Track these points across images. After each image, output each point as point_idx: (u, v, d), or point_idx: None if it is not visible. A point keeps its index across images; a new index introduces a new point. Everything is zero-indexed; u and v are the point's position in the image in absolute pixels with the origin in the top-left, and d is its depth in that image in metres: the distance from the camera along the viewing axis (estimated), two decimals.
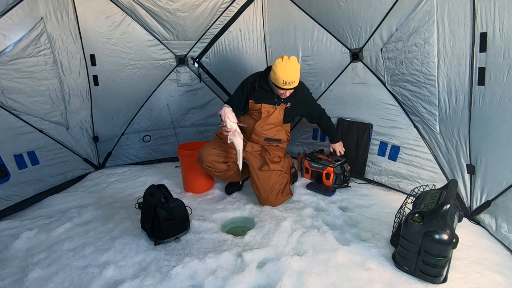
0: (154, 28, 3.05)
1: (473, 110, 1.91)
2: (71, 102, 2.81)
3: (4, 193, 2.30)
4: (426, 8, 1.96)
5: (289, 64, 2.07)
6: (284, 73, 2.07)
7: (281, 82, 2.11)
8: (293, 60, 2.10)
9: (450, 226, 1.44)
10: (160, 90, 3.39)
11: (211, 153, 2.37)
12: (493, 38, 1.68)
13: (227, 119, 2.09)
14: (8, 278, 1.62)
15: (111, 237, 1.97)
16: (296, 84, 2.16)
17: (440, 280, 1.50)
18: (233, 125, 2.10)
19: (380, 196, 2.49)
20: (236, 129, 2.11)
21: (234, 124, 2.11)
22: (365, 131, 2.71)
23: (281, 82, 2.10)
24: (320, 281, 1.54)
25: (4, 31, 2.18)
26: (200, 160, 2.39)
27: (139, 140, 3.44)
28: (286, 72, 2.07)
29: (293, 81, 2.12)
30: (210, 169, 2.40)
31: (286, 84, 2.11)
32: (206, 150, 2.38)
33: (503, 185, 1.80)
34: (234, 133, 2.10)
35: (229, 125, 2.09)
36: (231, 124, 2.09)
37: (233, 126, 2.10)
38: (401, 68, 2.26)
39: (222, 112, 2.14)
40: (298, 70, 2.14)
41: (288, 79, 2.09)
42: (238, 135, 2.12)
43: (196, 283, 1.56)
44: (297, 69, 2.13)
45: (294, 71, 2.10)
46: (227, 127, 2.09)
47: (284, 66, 2.07)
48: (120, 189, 2.78)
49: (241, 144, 2.15)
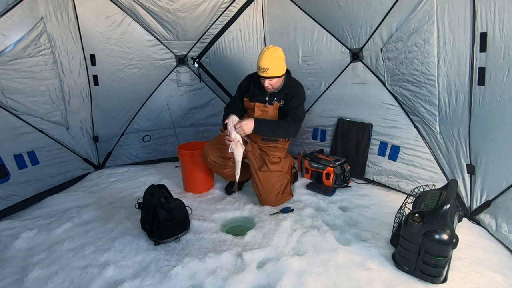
0: (154, 28, 3.05)
1: (473, 110, 1.91)
2: (71, 102, 2.81)
3: (4, 193, 2.30)
4: (426, 8, 1.96)
5: (267, 52, 2.07)
6: (261, 59, 2.07)
7: (258, 69, 2.12)
8: (274, 49, 2.09)
9: (450, 226, 1.44)
10: (160, 90, 3.39)
11: (216, 147, 2.37)
12: (493, 38, 1.68)
13: (233, 130, 2.08)
14: (8, 278, 1.62)
15: (111, 237, 1.97)
16: (272, 73, 2.09)
17: (440, 280, 1.50)
18: (237, 135, 2.08)
19: (380, 196, 2.49)
20: (239, 140, 2.09)
21: (238, 135, 2.08)
22: (365, 131, 2.71)
23: (258, 68, 2.11)
24: (320, 281, 1.54)
25: (4, 31, 2.18)
26: (205, 155, 2.40)
27: (139, 140, 3.44)
28: (262, 58, 2.07)
29: (267, 69, 2.06)
30: (214, 165, 2.40)
31: (261, 71, 2.08)
32: (212, 145, 2.39)
33: (503, 185, 1.80)
34: (237, 144, 2.08)
35: (233, 135, 2.07)
36: (235, 134, 2.07)
37: (237, 137, 2.08)
38: (401, 68, 2.26)
39: (229, 120, 2.11)
40: (276, 59, 2.08)
41: (262, 66, 2.06)
42: (240, 146, 2.10)
43: (196, 283, 1.56)
44: (275, 57, 2.07)
45: (270, 58, 2.06)
46: (231, 136, 2.07)
47: (262, 53, 2.08)
48: (120, 189, 2.78)
49: (241, 156, 2.14)
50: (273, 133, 2.20)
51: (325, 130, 3.09)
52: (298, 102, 2.29)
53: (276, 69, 2.09)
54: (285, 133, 2.24)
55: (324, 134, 3.10)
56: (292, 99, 2.26)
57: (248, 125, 2.08)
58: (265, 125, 2.15)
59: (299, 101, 2.29)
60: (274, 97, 2.29)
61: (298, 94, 2.29)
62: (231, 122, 2.10)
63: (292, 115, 2.25)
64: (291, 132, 2.26)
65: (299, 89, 2.32)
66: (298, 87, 2.31)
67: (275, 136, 2.26)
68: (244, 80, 2.42)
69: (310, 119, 3.17)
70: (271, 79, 2.12)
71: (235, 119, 2.12)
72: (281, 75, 2.14)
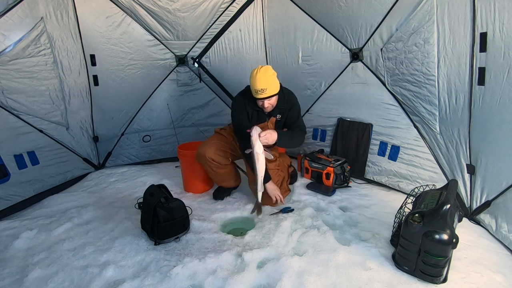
0: (154, 28, 3.05)
1: (473, 110, 1.90)
2: (71, 102, 2.81)
3: (4, 193, 2.30)
4: (426, 8, 1.96)
5: (259, 73, 2.01)
6: (255, 82, 2.01)
7: (254, 92, 2.06)
8: (265, 69, 2.03)
9: (450, 226, 1.44)
10: (160, 90, 3.39)
11: (213, 146, 2.32)
12: (493, 38, 1.68)
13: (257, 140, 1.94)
14: (8, 278, 1.62)
15: (111, 237, 1.97)
16: (270, 92, 2.05)
17: (440, 280, 1.50)
18: (261, 147, 1.97)
19: (380, 196, 2.49)
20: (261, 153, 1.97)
21: (262, 147, 1.97)
22: (365, 131, 2.71)
23: (255, 92, 2.05)
24: (320, 281, 1.54)
25: (4, 31, 2.18)
26: (201, 154, 2.31)
27: (139, 140, 3.44)
28: (256, 80, 2.00)
29: (264, 89, 2.01)
30: (212, 163, 2.32)
31: (258, 93, 2.03)
32: (208, 144, 2.35)
33: (503, 185, 1.80)
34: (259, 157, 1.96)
35: (257, 146, 1.95)
36: (259, 146, 1.96)
37: (260, 148, 1.97)
38: (401, 68, 2.26)
39: (253, 130, 1.95)
40: (270, 77, 2.03)
41: (259, 87, 2.01)
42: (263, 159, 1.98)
43: (196, 283, 1.56)
44: (268, 76, 2.02)
45: (265, 78, 2.01)
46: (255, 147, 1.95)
47: (255, 75, 2.01)
48: (120, 189, 2.78)
49: (263, 171, 2.03)
50: (289, 143, 2.27)
51: (325, 130, 3.09)
52: (297, 112, 2.36)
53: (273, 87, 2.06)
54: (297, 142, 2.33)
55: (324, 134, 3.10)
56: (290, 111, 2.30)
57: (273, 136, 2.02)
58: (284, 137, 2.17)
59: (296, 110, 2.36)
60: (274, 113, 2.28)
61: (294, 105, 2.31)
62: (255, 131, 1.94)
63: (297, 126, 2.33)
64: (301, 141, 2.35)
65: (293, 99, 2.32)
66: (291, 97, 2.31)
67: (290, 146, 2.35)
68: (238, 105, 2.28)
69: (310, 119, 3.17)
70: (270, 98, 2.09)
71: (259, 129, 1.98)
72: (278, 92, 2.12)
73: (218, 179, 2.50)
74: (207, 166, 2.37)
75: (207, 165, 2.36)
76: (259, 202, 2.16)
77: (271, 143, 2.05)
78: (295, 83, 2.93)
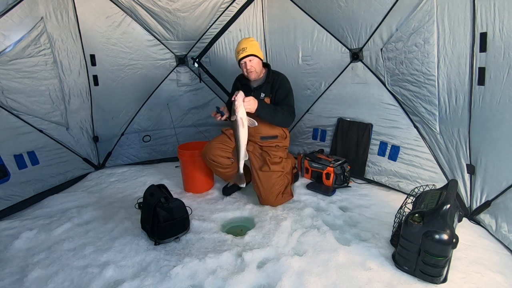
0: (154, 28, 3.05)
1: (473, 110, 1.90)
2: (71, 102, 2.81)
3: (4, 193, 2.30)
4: (426, 8, 1.96)
5: (242, 39, 2.33)
6: (238, 44, 2.28)
7: (237, 55, 2.27)
8: (249, 37, 2.36)
9: (450, 226, 1.44)
10: (160, 90, 3.39)
11: (216, 147, 2.37)
12: (493, 38, 1.68)
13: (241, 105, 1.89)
14: (8, 278, 1.62)
15: (111, 237, 1.97)
16: (250, 51, 2.22)
17: (440, 280, 1.50)
18: (244, 114, 1.91)
19: (380, 196, 2.49)
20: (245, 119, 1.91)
21: (245, 114, 1.91)
22: (365, 131, 2.71)
23: (236, 54, 2.27)
24: (320, 281, 1.54)
25: (4, 31, 2.18)
26: (204, 154, 2.40)
27: (139, 140, 3.44)
28: (239, 43, 2.28)
29: (245, 48, 2.23)
30: (213, 163, 2.38)
31: (239, 53, 2.24)
32: (211, 144, 2.39)
33: (503, 185, 1.80)
34: (243, 122, 1.90)
35: (241, 111, 1.89)
36: (243, 112, 1.90)
37: (244, 114, 1.91)
38: (401, 68, 2.26)
39: (238, 95, 1.92)
40: (251, 41, 2.28)
41: (240, 47, 2.24)
42: (245, 126, 1.91)
43: (196, 283, 1.56)
44: (250, 40, 2.28)
45: (246, 41, 2.27)
46: (238, 112, 1.88)
47: (239, 41, 2.32)
48: (120, 189, 2.78)
49: (246, 138, 1.96)
50: (272, 117, 2.20)
51: (325, 130, 3.09)
52: (285, 91, 2.34)
53: (253, 48, 2.25)
54: (282, 120, 2.27)
55: (324, 134, 3.10)
56: (278, 91, 2.33)
57: (254, 103, 2.03)
58: (266, 108, 2.15)
59: (286, 90, 2.35)
60: (259, 91, 2.35)
61: (283, 85, 2.35)
62: (240, 96, 1.91)
63: (284, 105, 2.31)
64: (288, 120, 2.31)
65: (283, 79, 2.39)
66: (280, 77, 2.39)
67: (273, 121, 2.24)
68: (234, 82, 2.60)
69: (310, 119, 3.17)
70: (251, 58, 2.23)
71: (243, 95, 1.95)
72: (259, 55, 2.28)
73: (223, 177, 2.55)
74: (210, 166, 2.46)
75: (210, 165, 2.45)
76: (240, 173, 2.06)
77: (253, 111, 2.04)
78: (295, 83, 2.90)
